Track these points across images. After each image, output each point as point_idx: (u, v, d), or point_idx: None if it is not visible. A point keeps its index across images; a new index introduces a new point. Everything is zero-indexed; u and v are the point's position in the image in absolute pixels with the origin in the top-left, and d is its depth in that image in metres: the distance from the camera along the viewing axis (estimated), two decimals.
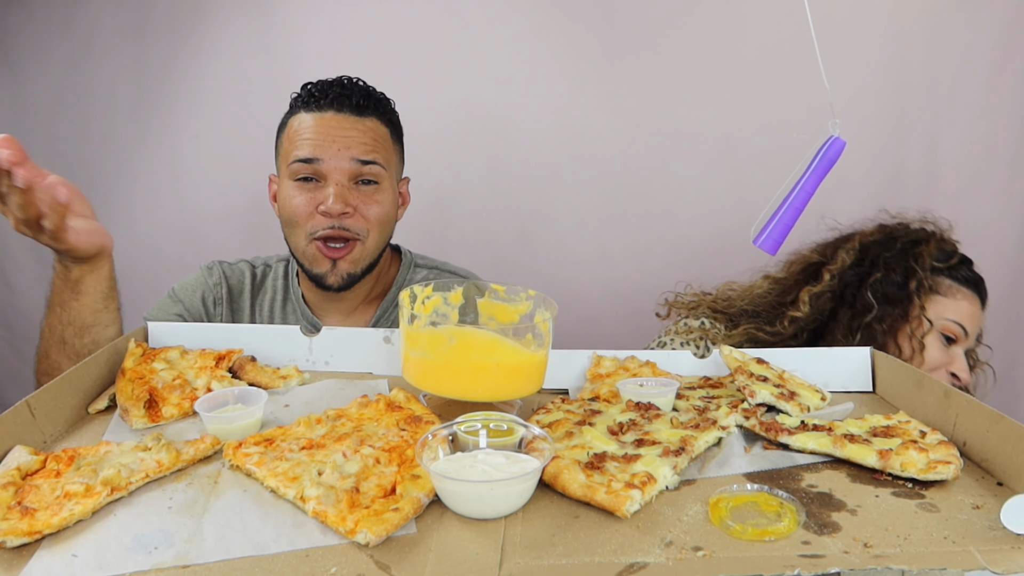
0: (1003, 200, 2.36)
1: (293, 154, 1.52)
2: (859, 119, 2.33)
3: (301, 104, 1.57)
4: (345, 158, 1.51)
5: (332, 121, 1.52)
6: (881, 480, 0.91)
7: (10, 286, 2.54)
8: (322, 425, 1.02)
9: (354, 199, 1.52)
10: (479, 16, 2.34)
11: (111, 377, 1.16)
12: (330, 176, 1.51)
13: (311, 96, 1.56)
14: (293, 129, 1.55)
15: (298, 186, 1.53)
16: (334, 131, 1.52)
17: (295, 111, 1.57)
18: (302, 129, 1.53)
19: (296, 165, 1.52)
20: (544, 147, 2.37)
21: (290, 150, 1.54)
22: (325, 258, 1.54)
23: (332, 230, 1.51)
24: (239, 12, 2.36)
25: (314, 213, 1.51)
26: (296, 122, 1.55)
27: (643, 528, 0.80)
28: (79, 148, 2.44)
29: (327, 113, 1.53)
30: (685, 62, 2.33)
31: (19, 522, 0.78)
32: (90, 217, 1.27)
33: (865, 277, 1.66)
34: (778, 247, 1.08)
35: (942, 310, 1.63)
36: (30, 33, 2.38)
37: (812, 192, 1.05)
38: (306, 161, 1.51)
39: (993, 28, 2.26)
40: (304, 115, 1.55)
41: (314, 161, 1.51)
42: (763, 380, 1.14)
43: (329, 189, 1.50)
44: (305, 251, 1.55)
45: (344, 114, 1.54)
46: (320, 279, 1.55)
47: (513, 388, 1.07)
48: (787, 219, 1.06)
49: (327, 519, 0.80)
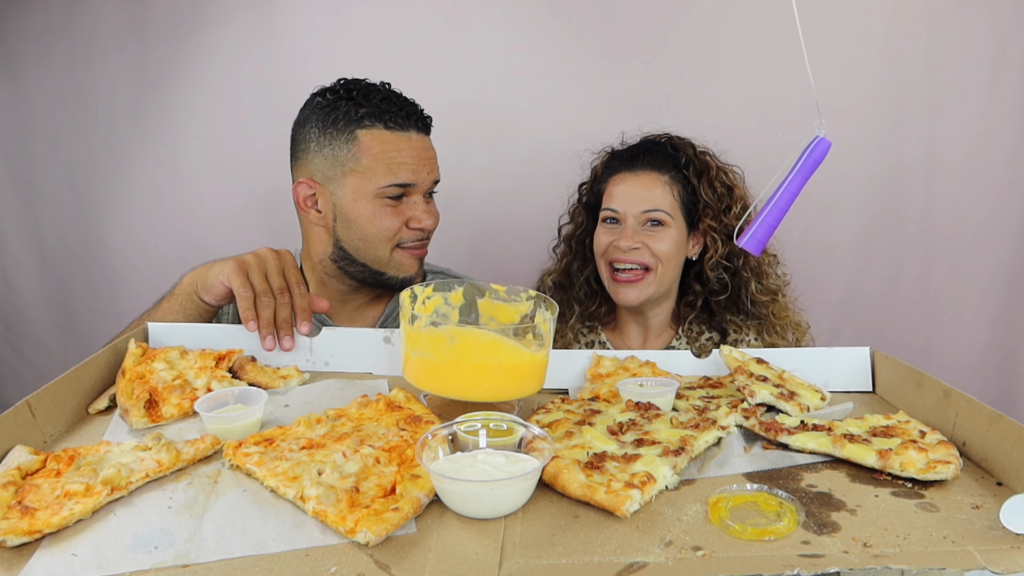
0: (1003, 200, 2.36)
1: (385, 178, 1.51)
2: (859, 119, 2.33)
3: (377, 119, 1.53)
4: (430, 180, 1.58)
5: (418, 143, 1.56)
6: (881, 480, 0.91)
7: (10, 286, 2.54)
8: (322, 425, 1.02)
9: (431, 212, 1.60)
10: (479, 16, 2.35)
11: (111, 377, 1.16)
12: (414, 194, 1.56)
13: (389, 113, 1.53)
14: (379, 149, 1.52)
15: (387, 204, 1.54)
16: (422, 154, 1.56)
17: (369, 125, 1.52)
18: (392, 151, 1.52)
19: (391, 189, 1.52)
20: (544, 147, 2.37)
21: (376, 170, 1.51)
22: (416, 262, 1.60)
23: (421, 241, 1.59)
24: (239, 12, 2.36)
25: (403, 227, 1.55)
26: (379, 141, 1.52)
27: (643, 528, 0.80)
28: (79, 148, 2.44)
29: (411, 134, 1.55)
30: (685, 62, 2.34)
31: (19, 521, 0.78)
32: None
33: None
34: (763, 247, 1.08)
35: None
36: (30, 33, 2.38)
37: (797, 192, 1.05)
38: (403, 185, 1.53)
39: (993, 28, 2.26)
40: (387, 133, 1.52)
41: (410, 186, 1.54)
42: (763, 380, 1.15)
43: (419, 207, 1.56)
44: (390, 260, 1.57)
45: (422, 135, 1.58)
46: (408, 281, 1.59)
47: (514, 388, 1.07)
48: (771, 219, 1.06)
49: (327, 519, 0.80)
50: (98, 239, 2.51)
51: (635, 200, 1.68)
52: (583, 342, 1.83)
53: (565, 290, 1.84)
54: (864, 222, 2.41)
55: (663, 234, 1.67)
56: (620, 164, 1.75)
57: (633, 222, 1.67)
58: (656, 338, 1.80)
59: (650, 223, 1.67)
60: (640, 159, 1.73)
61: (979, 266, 2.41)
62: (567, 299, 1.83)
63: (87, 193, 2.47)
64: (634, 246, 1.65)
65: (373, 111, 1.52)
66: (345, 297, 1.66)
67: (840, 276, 2.42)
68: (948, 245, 2.40)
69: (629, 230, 1.66)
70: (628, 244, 1.65)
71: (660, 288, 1.70)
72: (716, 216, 1.71)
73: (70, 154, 2.44)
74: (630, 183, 1.70)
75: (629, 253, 1.65)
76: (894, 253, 2.42)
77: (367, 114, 1.52)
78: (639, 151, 1.76)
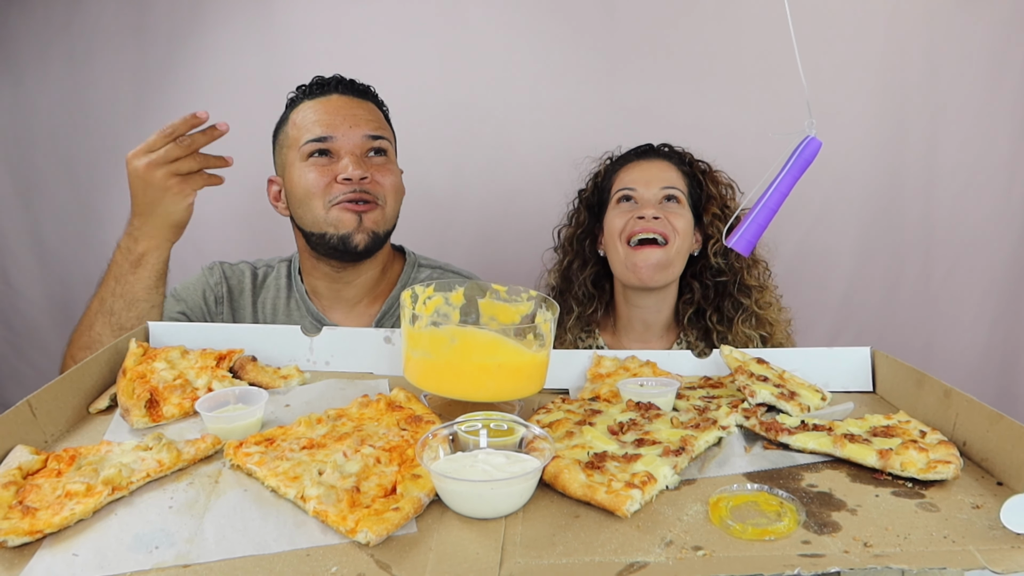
0: (1003, 200, 2.36)
1: (304, 137, 1.56)
2: (859, 120, 2.33)
3: (304, 96, 1.62)
4: (357, 134, 1.57)
5: (338, 102, 1.60)
6: (881, 480, 0.91)
7: (10, 286, 2.54)
8: (323, 425, 1.02)
9: (369, 168, 1.56)
10: (479, 16, 2.34)
11: (112, 377, 1.16)
12: (342, 151, 1.56)
13: (312, 88, 1.62)
14: (300, 117, 1.59)
15: (311, 163, 1.56)
16: (343, 110, 1.58)
17: (296, 104, 1.63)
18: (310, 114, 1.58)
19: (309, 145, 1.55)
20: (544, 147, 2.37)
21: (299, 136, 1.57)
22: (352, 215, 1.54)
23: (354, 193, 1.54)
24: (239, 13, 2.36)
25: (332, 183, 1.54)
26: (301, 112, 1.60)
27: (643, 528, 0.80)
28: (79, 148, 2.43)
29: (332, 96, 1.60)
30: (685, 62, 2.34)
31: (20, 521, 0.78)
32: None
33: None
34: (752, 247, 1.08)
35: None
36: (30, 33, 2.38)
37: (787, 192, 1.05)
38: (319, 140, 1.55)
39: (993, 28, 2.26)
40: (308, 103, 1.60)
41: (328, 139, 1.55)
42: (763, 380, 1.15)
43: (345, 160, 1.54)
44: (326, 218, 1.54)
45: (348, 96, 1.61)
46: (346, 239, 1.55)
47: (514, 388, 1.07)
48: (761, 219, 1.06)
49: (328, 519, 0.80)
50: (98, 239, 2.50)
51: (653, 179, 1.73)
52: (581, 346, 1.83)
53: (563, 293, 1.86)
54: (864, 222, 2.41)
55: (679, 210, 1.72)
56: (630, 156, 1.82)
57: (651, 198, 1.71)
58: (658, 340, 1.80)
59: (666, 199, 1.72)
60: (650, 152, 1.82)
61: (979, 266, 2.40)
62: (566, 301, 1.84)
63: (87, 193, 2.46)
64: (656, 215, 1.67)
65: (300, 94, 1.63)
66: (336, 286, 1.66)
67: (840, 276, 2.42)
68: (948, 245, 2.40)
69: (650, 204, 1.70)
70: (653, 212, 1.67)
71: (676, 263, 1.71)
72: (721, 207, 1.77)
73: (70, 154, 2.44)
74: (644, 167, 1.77)
75: (651, 223, 1.66)
76: (894, 253, 2.42)
77: (295, 98, 1.63)
78: (645, 148, 1.83)
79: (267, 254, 1.81)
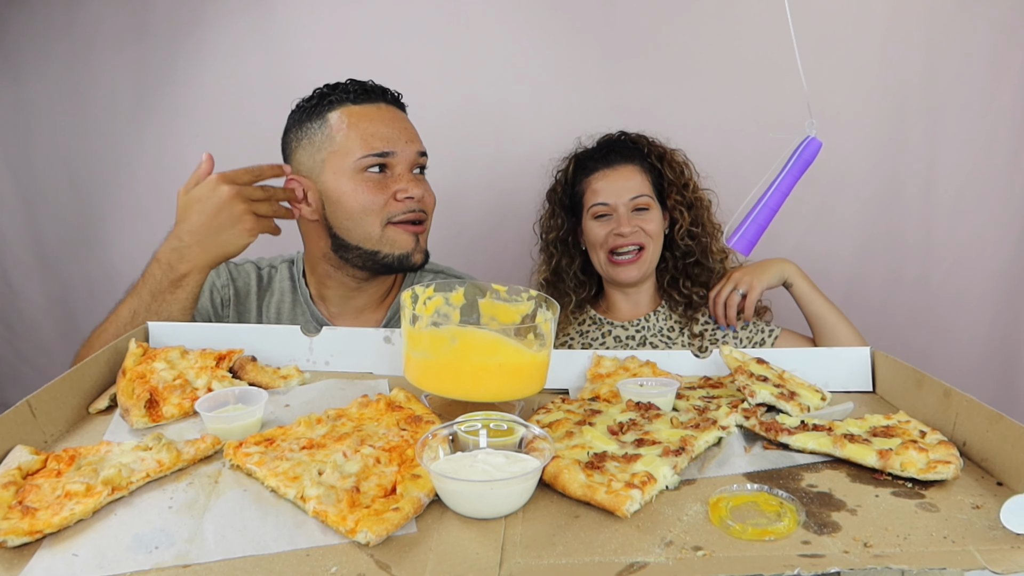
0: (1003, 200, 2.36)
1: (361, 150, 1.51)
2: (859, 120, 2.33)
3: (345, 98, 1.54)
4: (411, 151, 1.56)
5: (389, 113, 1.56)
6: (881, 480, 0.91)
7: (10, 286, 2.54)
8: (322, 425, 1.02)
9: (420, 186, 1.56)
10: (479, 16, 2.34)
11: (112, 377, 1.16)
12: (399, 167, 1.54)
13: (354, 91, 1.55)
14: (348, 122, 1.52)
15: (367, 178, 1.52)
16: (397, 124, 1.56)
17: (334, 106, 1.54)
18: (365, 124, 1.52)
19: (368, 159, 1.51)
20: (544, 147, 2.37)
21: (350, 146, 1.51)
22: (410, 235, 1.55)
23: (412, 213, 1.54)
24: (239, 13, 2.36)
25: (390, 201, 1.53)
26: (347, 117, 1.52)
27: (643, 528, 0.80)
28: (79, 148, 2.43)
29: (380, 106, 1.56)
30: (685, 62, 2.34)
31: (20, 521, 0.78)
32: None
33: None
34: (752, 247, 1.08)
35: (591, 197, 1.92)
36: (30, 33, 2.38)
37: (787, 192, 1.05)
38: (381, 155, 1.52)
39: (993, 28, 2.26)
40: (354, 108, 1.53)
41: (388, 155, 1.52)
42: (763, 380, 1.15)
43: (404, 178, 1.54)
44: (382, 237, 1.53)
45: (393, 107, 1.58)
46: (404, 260, 1.55)
47: (515, 388, 1.07)
48: (761, 219, 1.06)
49: (327, 519, 0.80)
50: (98, 239, 2.50)
51: (621, 191, 1.87)
52: (575, 322, 2.01)
53: (556, 286, 2.01)
54: (864, 222, 2.41)
55: (650, 216, 1.89)
56: (594, 163, 1.93)
57: (624, 210, 1.86)
58: (644, 308, 2.00)
59: (637, 209, 1.88)
60: (612, 155, 1.93)
61: (979, 266, 2.40)
62: (559, 293, 1.99)
63: (87, 193, 2.46)
64: (632, 230, 1.86)
65: (339, 95, 1.56)
66: (349, 294, 1.64)
67: (840, 276, 2.42)
68: (948, 245, 2.40)
69: (624, 218, 1.86)
70: (628, 229, 1.85)
71: (652, 262, 1.92)
72: (679, 191, 1.93)
73: (70, 154, 2.44)
74: (611, 177, 1.89)
75: (629, 237, 1.86)
76: (894, 253, 2.41)
77: (334, 99, 1.55)
78: (606, 150, 1.95)
79: (268, 253, 1.80)
